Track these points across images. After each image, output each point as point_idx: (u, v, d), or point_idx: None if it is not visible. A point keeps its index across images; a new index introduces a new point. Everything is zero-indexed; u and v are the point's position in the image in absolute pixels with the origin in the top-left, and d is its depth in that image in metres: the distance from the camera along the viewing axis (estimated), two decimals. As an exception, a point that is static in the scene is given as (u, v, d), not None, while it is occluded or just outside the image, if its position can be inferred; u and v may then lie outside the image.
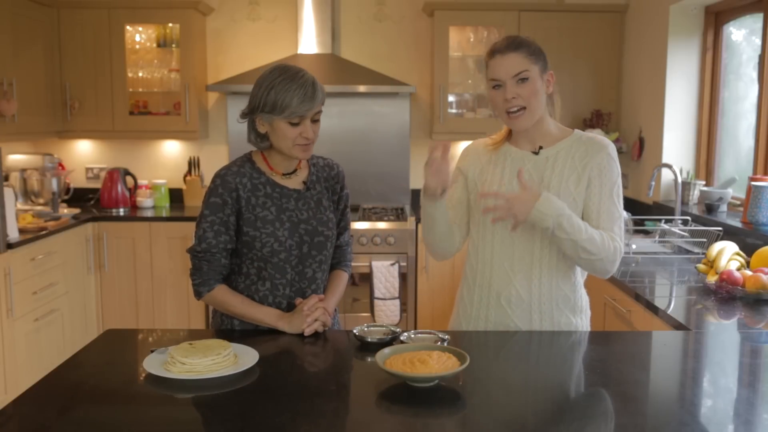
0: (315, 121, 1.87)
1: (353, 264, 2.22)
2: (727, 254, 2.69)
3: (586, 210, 1.89)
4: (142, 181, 4.70)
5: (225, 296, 1.92)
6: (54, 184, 4.32)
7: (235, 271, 1.97)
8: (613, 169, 1.89)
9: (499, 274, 1.94)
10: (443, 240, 1.97)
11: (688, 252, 3.23)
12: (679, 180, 3.61)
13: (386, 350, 1.58)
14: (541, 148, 1.93)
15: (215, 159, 4.80)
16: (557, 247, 1.87)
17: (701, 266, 2.75)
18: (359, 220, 4.24)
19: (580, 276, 1.99)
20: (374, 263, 4.06)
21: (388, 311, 4.06)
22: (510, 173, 1.93)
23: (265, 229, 1.89)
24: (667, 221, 3.50)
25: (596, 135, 1.96)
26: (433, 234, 1.96)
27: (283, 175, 1.96)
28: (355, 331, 1.81)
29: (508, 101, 1.85)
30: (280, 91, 1.80)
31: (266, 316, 1.90)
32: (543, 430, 1.36)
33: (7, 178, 4.19)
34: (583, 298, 1.99)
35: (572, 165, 1.89)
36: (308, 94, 1.81)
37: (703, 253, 3.01)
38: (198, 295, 1.93)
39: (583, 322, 1.99)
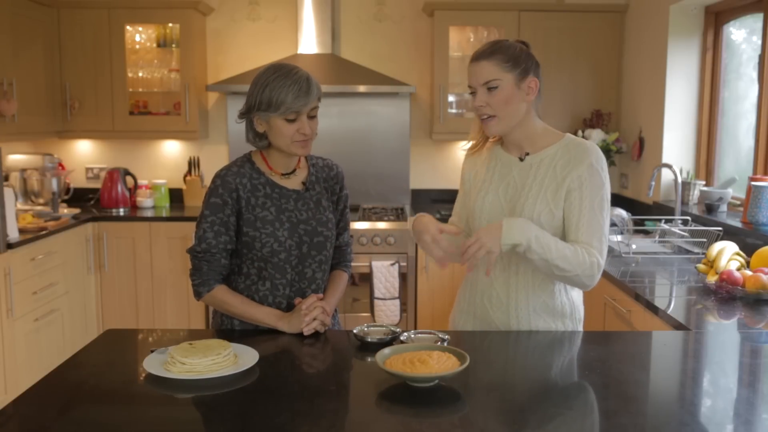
0: (312, 117, 1.88)
1: (353, 264, 2.22)
2: (727, 254, 2.69)
3: (567, 222, 1.85)
4: (142, 181, 4.70)
5: (225, 296, 1.92)
6: (54, 184, 4.32)
7: (234, 271, 1.97)
8: (596, 180, 1.84)
9: (483, 275, 1.95)
10: (456, 257, 1.98)
11: (688, 252, 3.23)
12: (679, 180, 3.61)
13: (386, 350, 1.58)
14: (527, 154, 1.92)
15: (215, 159, 4.80)
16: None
17: (701, 266, 2.75)
18: (359, 220, 4.24)
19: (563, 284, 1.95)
20: (374, 263, 4.06)
21: (388, 311, 4.06)
22: (498, 177, 1.94)
23: (264, 230, 1.89)
24: (667, 221, 3.50)
25: (583, 142, 1.89)
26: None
27: (283, 175, 1.96)
28: (355, 331, 1.81)
29: (477, 108, 1.86)
30: (274, 88, 1.81)
31: (266, 316, 1.90)
32: (543, 430, 1.36)
33: (7, 178, 4.19)
34: (567, 304, 1.95)
35: (553, 174, 1.86)
36: (303, 90, 1.82)
37: (703, 253, 3.01)
38: (198, 295, 1.93)
39: (566, 326, 1.96)
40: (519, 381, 1.64)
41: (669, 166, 3.60)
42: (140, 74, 4.60)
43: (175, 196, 4.80)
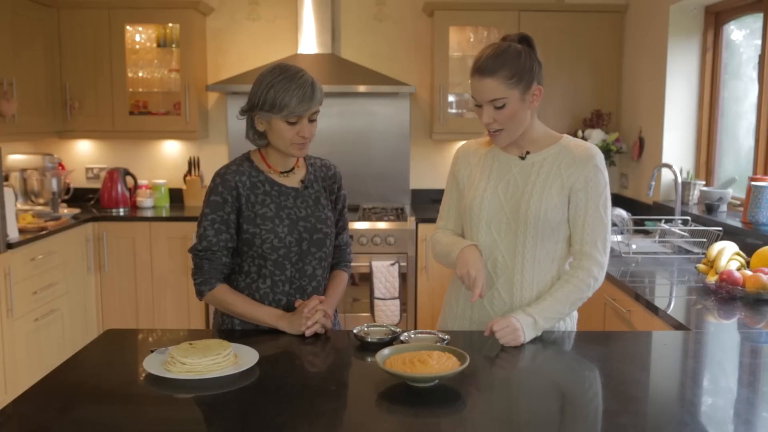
0: (312, 120, 1.89)
1: (353, 264, 2.23)
2: (727, 254, 2.69)
3: (573, 223, 1.90)
4: (142, 181, 4.70)
5: (226, 295, 1.92)
6: (54, 184, 4.31)
7: (235, 270, 1.98)
8: (600, 180, 1.88)
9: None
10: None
11: (688, 252, 3.23)
12: (679, 180, 3.61)
13: (386, 350, 1.58)
14: (528, 153, 1.93)
15: (215, 159, 4.80)
16: (541, 254, 1.90)
17: (701, 266, 2.75)
18: (359, 220, 4.24)
19: None
20: (374, 263, 4.06)
21: (388, 311, 4.06)
22: (497, 177, 1.94)
23: (264, 226, 1.90)
24: (667, 221, 3.50)
25: (584, 143, 1.93)
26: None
27: (281, 173, 1.97)
28: (355, 331, 1.81)
29: (486, 125, 1.87)
30: (279, 90, 1.82)
31: (267, 315, 1.90)
32: (543, 431, 1.36)
33: (7, 178, 4.19)
34: None
35: (557, 172, 1.89)
36: (307, 95, 1.83)
37: (703, 253, 3.01)
38: (200, 294, 1.94)
39: (566, 324, 1.98)
40: (519, 381, 1.64)
41: (669, 166, 3.60)
42: (140, 74, 4.60)
43: (175, 196, 4.80)
